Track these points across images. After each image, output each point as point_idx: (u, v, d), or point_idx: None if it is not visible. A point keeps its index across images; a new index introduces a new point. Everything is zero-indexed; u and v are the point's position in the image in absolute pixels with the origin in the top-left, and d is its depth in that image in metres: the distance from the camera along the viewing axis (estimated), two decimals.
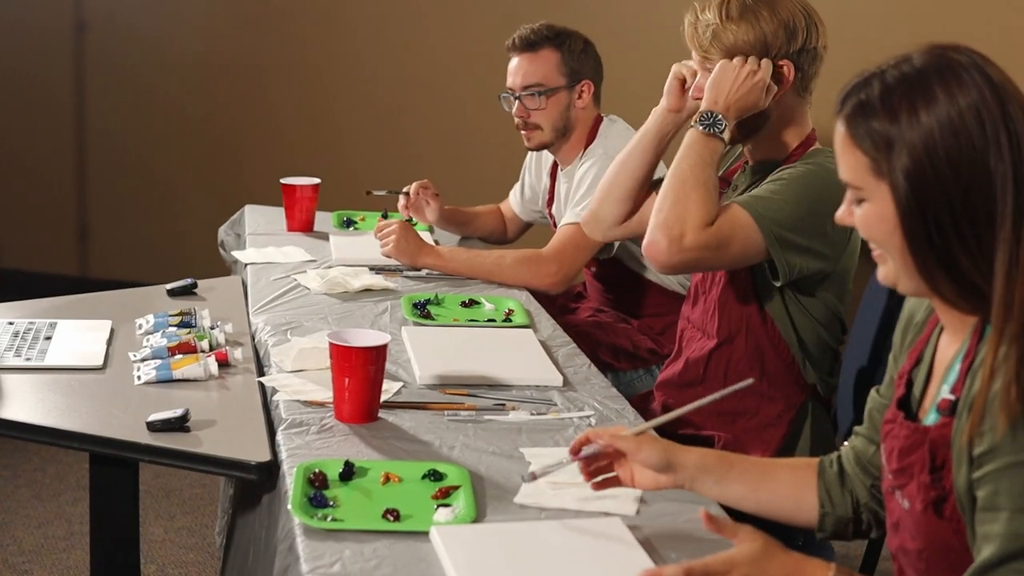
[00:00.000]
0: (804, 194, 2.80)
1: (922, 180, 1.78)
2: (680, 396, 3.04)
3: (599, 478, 2.18)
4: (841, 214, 1.91)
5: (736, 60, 2.86)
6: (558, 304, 3.88)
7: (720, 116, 2.86)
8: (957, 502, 1.83)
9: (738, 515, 2.21)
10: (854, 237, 2.86)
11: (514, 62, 3.90)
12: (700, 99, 2.95)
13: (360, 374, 2.51)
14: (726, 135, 2.86)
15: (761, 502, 2.18)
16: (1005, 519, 1.73)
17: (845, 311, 2.95)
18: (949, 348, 1.93)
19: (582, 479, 2.24)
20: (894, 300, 2.84)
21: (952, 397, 1.86)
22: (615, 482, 2.18)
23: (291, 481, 2.24)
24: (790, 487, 2.19)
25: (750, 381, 2.22)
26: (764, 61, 2.85)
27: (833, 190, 2.77)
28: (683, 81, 3.04)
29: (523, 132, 3.90)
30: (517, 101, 3.88)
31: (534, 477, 2.19)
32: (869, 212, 1.85)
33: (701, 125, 2.87)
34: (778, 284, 2.86)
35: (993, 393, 1.74)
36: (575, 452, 2.15)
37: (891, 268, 1.88)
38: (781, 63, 2.87)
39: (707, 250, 2.81)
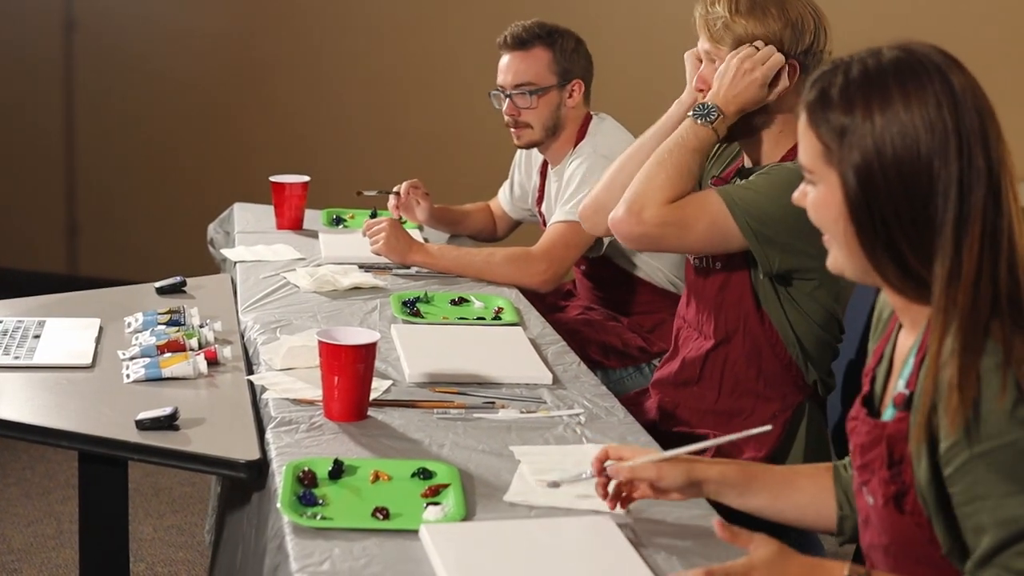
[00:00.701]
0: (787, 190, 2.79)
1: (869, 177, 1.81)
2: (676, 395, 3.04)
3: (609, 483, 2.19)
4: (797, 195, 1.95)
5: (744, 51, 2.85)
6: (548, 302, 3.88)
7: (714, 107, 2.86)
8: (918, 496, 1.84)
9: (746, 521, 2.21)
10: None
11: (505, 60, 3.89)
12: (702, 91, 2.96)
13: (349, 372, 2.51)
14: (719, 127, 2.87)
15: (783, 511, 2.20)
16: (991, 508, 1.75)
17: (841, 310, 2.94)
18: (905, 343, 1.95)
19: (573, 477, 2.25)
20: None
21: (907, 392, 1.88)
22: (636, 499, 2.19)
23: (280, 479, 2.24)
24: (810, 494, 2.20)
25: (768, 428, 2.23)
26: (775, 56, 2.84)
27: None
28: (701, 62, 3.03)
29: (513, 131, 3.89)
30: (507, 99, 3.87)
31: (556, 485, 2.21)
32: (817, 196, 1.89)
33: (693, 113, 2.88)
34: (762, 277, 2.86)
35: (939, 396, 1.77)
36: (599, 470, 2.16)
37: (835, 255, 1.91)
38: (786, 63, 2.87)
39: (668, 227, 2.83)
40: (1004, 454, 1.73)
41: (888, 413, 1.93)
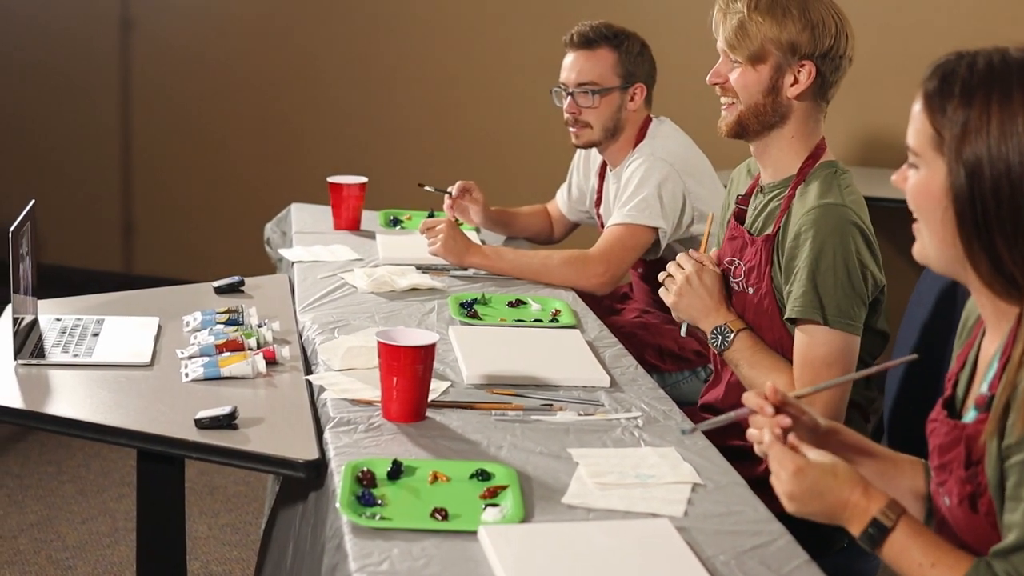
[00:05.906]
0: (836, 271, 2.75)
1: (978, 172, 1.81)
2: None
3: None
4: (896, 178, 1.95)
5: (678, 291, 2.92)
6: (604, 305, 3.88)
7: (724, 326, 2.88)
8: (992, 496, 1.85)
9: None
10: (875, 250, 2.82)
11: (570, 58, 3.90)
12: (717, 83, 2.93)
13: (408, 373, 2.50)
14: (743, 330, 2.87)
15: (886, 488, 2.18)
16: None
17: (886, 322, 2.90)
18: (990, 346, 1.95)
19: (631, 480, 2.24)
20: (937, 313, 2.82)
21: (989, 393, 1.88)
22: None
23: (339, 479, 2.24)
24: (912, 481, 2.19)
25: (915, 356, 2.22)
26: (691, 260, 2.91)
27: (848, 231, 2.73)
28: None
29: (572, 129, 3.90)
30: (569, 97, 3.88)
31: (693, 430, 2.23)
32: (919, 181, 1.89)
33: (718, 349, 2.91)
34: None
35: (1018, 392, 1.78)
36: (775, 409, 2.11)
37: (924, 243, 1.92)
38: (802, 63, 2.83)
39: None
40: None
41: (969, 415, 1.93)
